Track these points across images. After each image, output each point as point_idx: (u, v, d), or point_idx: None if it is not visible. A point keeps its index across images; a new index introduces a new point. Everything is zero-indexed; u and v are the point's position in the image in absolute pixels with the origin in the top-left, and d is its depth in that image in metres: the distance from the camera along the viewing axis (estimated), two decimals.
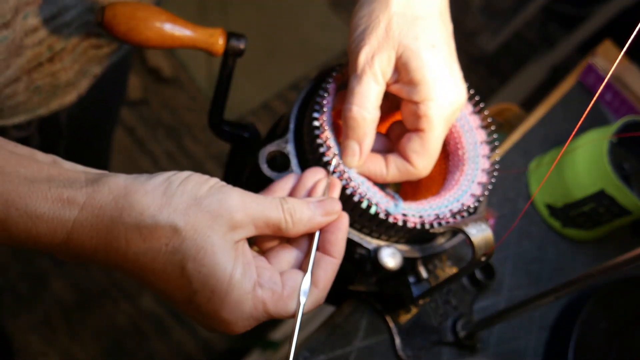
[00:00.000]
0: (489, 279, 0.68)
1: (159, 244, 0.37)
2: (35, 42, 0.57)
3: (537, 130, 0.85)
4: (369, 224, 0.49)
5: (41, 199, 0.36)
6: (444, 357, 0.65)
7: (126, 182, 0.37)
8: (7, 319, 1.54)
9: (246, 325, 0.39)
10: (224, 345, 1.65)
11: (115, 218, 0.36)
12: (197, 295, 0.37)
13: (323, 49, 2.13)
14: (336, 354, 0.61)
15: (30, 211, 0.35)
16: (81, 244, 0.37)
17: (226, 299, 0.38)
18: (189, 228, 0.37)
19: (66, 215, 0.36)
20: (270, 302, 0.39)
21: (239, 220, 0.39)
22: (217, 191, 0.39)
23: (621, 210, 0.72)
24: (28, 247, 0.37)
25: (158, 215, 0.37)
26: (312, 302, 0.42)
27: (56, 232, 0.36)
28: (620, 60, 0.88)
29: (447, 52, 0.48)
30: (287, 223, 0.41)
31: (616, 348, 0.69)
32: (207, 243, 0.37)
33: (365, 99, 0.47)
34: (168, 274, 0.37)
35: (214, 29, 0.55)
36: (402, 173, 0.50)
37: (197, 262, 0.37)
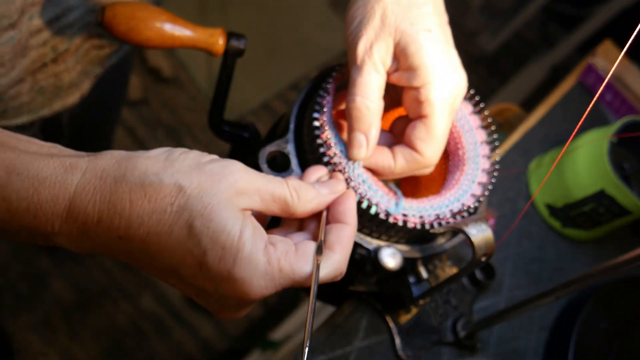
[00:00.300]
0: (489, 279, 0.68)
1: (164, 203, 0.35)
2: (39, 43, 0.57)
3: (537, 130, 0.85)
4: (369, 224, 0.49)
5: (44, 165, 0.35)
6: (444, 357, 0.65)
7: (127, 152, 0.37)
8: (7, 319, 1.54)
9: (262, 286, 0.36)
10: (224, 345, 1.65)
11: (119, 178, 0.35)
12: (207, 254, 0.35)
13: (323, 49, 2.13)
14: (336, 354, 0.61)
15: (32, 175, 0.34)
16: (84, 210, 0.35)
17: (238, 254, 0.35)
18: (193, 187, 0.36)
19: (68, 180, 0.35)
20: (284, 259, 0.37)
21: (243, 187, 0.37)
22: (220, 160, 0.38)
23: (621, 210, 0.72)
24: (27, 223, 0.35)
25: (162, 174, 0.36)
26: (330, 264, 0.39)
27: (58, 198, 0.35)
28: (620, 60, 0.88)
29: (443, 37, 0.48)
30: (293, 198, 0.40)
31: (616, 348, 0.69)
32: (214, 200, 0.36)
33: (368, 89, 0.47)
34: (175, 236, 0.35)
35: (214, 29, 0.55)
36: (410, 163, 0.49)
37: (205, 218, 0.35)
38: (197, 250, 0.35)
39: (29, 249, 1.62)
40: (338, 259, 0.40)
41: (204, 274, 0.36)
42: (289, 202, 0.40)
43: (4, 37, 0.52)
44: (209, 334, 1.65)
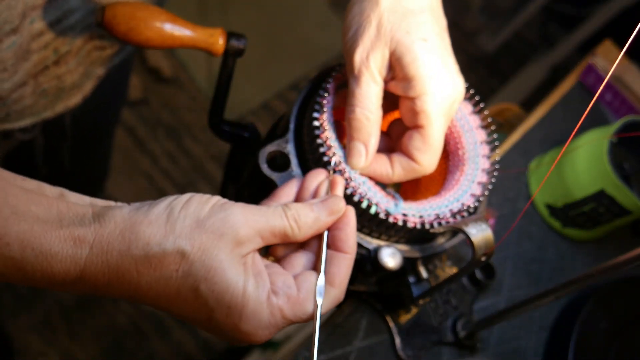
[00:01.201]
0: (489, 278, 0.68)
1: (169, 270, 0.38)
2: (41, 46, 0.57)
3: (537, 130, 0.85)
4: (369, 224, 0.49)
5: (54, 239, 0.37)
6: (444, 357, 0.65)
7: (130, 214, 0.38)
8: (7, 319, 1.54)
9: (266, 334, 0.40)
10: (224, 345, 1.65)
11: (124, 252, 0.37)
12: (214, 313, 0.38)
13: (323, 49, 2.13)
14: (336, 354, 0.61)
15: (45, 251, 0.36)
16: (94, 279, 0.37)
17: (243, 311, 0.38)
18: (195, 250, 0.38)
19: (78, 254, 0.37)
20: (286, 307, 0.40)
21: (244, 235, 0.39)
22: (219, 209, 0.39)
23: (621, 210, 0.72)
24: (42, 286, 0.38)
25: (164, 242, 0.37)
26: (330, 301, 0.42)
27: (69, 270, 0.37)
28: (620, 60, 0.88)
29: (441, 45, 0.48)
30: (293, 229, 0.42)
31: (616, 348, 0.69)
32: (216, 262, 0.38)
33: (366, 99, 0.47)
34: (183, 298, 0.38)
35: (214, 29, 0.55)
36: (408, 172, 0.50)
37: (209, 281, 0.38)
38: (205, 309, 0.38)
39: None
40: (338, 293, 0.43)
41: (214, 326, 0.39)
42: (289, 234, 0.42)
43: (6, 42, 0.52)
44: (208, 334, 1.65)
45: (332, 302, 0.43)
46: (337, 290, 0.43)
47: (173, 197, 0.40)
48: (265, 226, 0.40)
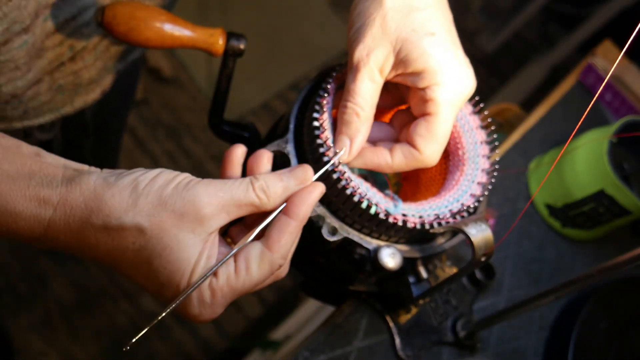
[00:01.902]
0: (489, 279, 0.68)
1: (126, 242, 0.39)
2: (55, 44, 0.57)
3: (536, 130, 0.85)
4: (368, 224, 0.49)
5: (20, 198, 0.38)
6: (443, 356, 0.65)
7: (97, 183, 0.40)
8: (7, 318, 1.54)
9: (209, 314, 0.41)
10: (224, 345, 1.65)
11: (85, 219, 0.39)
12: (164, 288, 0.40)
13: (323, 49, 2.13)
14: (336, 353, 0.61)
15: (10, 208, 0.38)
16: (57, 238, 0.40)
17: (189, 297, 0.40)
18: (154, 227, 0.39)
19: (42, 214, 0.39)
20: (226, 287, 0.41)
21: (207, 214, 0.40)
22: (184, 188, 0.40)
23: (621, 210, 0.72)
24: (10, 238, 0.40)
25: (124, 217, 0.39)
26: (267, 265, 0.42)
27: (33, 228, 0.39)
28: (620, 60, 0.88)
29: (449, 38, 0.47)
30: (262, 199, 0.42)
31: (616, 348, 0.69)
32: (173, 241, 0.39)
33: (359, 96, 0.47)
34: (137, 268, 0.40)
35: (214, 29, 0.55)
36: (409, 160, 0.48)
37: (164, 259, 0.39)
38: (156, 282, 0.40)
39: (29, 249, 1.62)
40: (275, 260, 0.42)
41: (163, 300, 0.42)
42: (257, 204, 0.42)
43: (17, 41, 0.52)
44: (209, 334, 1.65)
45: (270, 267, 0.42)
46: (275, 255, 0.42)
47: (142, 171, 0.41)
48: (230, 201, 0.41)
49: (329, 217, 0.50)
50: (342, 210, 0.49)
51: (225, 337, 1.66)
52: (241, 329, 1.68)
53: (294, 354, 0.60)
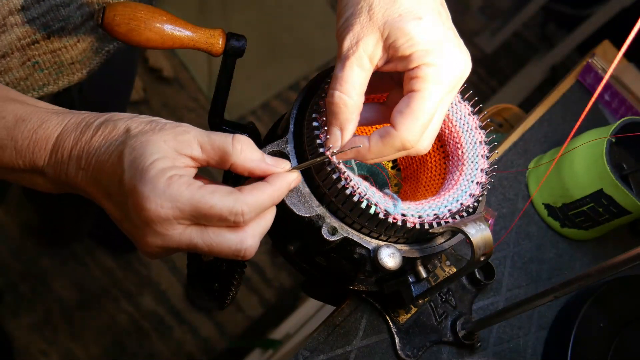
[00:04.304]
0: (488, 278, 0.68)
1: (113, 139, 0.44)
2: (24, 21, 0.57)
3: (536, 130, 0.86)
4: (368, 224, 0.50)
5: (43, 113, 0.47)
6: (443, 356, 0.65)
7: None
8: (8, 318, 1.54)
9: (158, 203, 0.40)
10: (224, 344, 1.65)
11: (90, 122, 0.46)
12: (124, 173, 0.42)
13: (323, 49, 2.13)
14: (336, 353, 0.61)
15: (34, 120, 0.46)
16: (63, 144, 0.46)
17: (145, 175, 0.41)
18: (138, 130, 0.44)
19: (60, 121, 0.47)
20: (185, 186, 0.41)
21: (184, 137, 0.43)
22: (176, 121, 0.45)
23: (620, 210, 0.72)
24: (27, 160, 0.46)
25: (119, 121, 0.45)
26: (230, 201, 0.41)
27: (50, 137, 0.46)
28: (619, 61, 0.89)
29: (438, 20, 0.47)
30: (235, 150, 0.43)
31: (615, 347, 0.70)
32: (145, 137, 0.43)
33: (348, 84, 0.47)
34: (110, 162, 0.43)
35: (214, 29, 0.55)
36: (385, 139, 0.46)
37: (132, 148, 0.42)
38: (119, 170, 0.42)
39: (30, 249, 1.62)
40: (237, 199, 0.42)
41: (121, 189, 0.42)
42: (229, 151, 0.43)
43: None
44: (209, 334, 1.65)
45: (233, 204, 0.41)
46: (242, 198, 0.42)
47: None
48: (208, 138, 0.44)
49: (329, 217, 0.50)
50: (342, 210, 0.49)
51: (225, 337, 1.66)
52: (241, 329, 1.68)
53: (294, 354, 0.60)
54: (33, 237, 1.63)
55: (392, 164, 0.64)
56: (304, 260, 0.57)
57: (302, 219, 0.49)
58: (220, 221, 0.42)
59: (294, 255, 0.57)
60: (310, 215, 0.49)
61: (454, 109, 0.57)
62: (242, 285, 0.92)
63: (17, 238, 1.63)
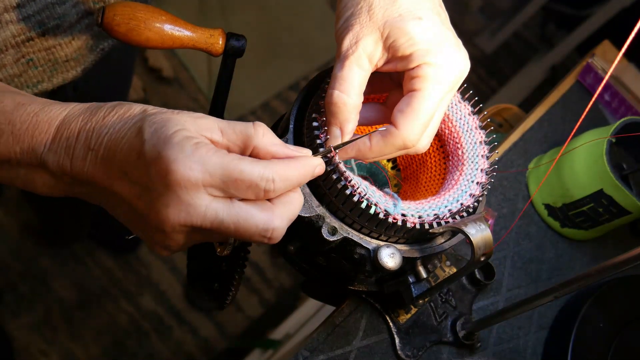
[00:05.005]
0: (488, 278, 0.68)
1: (128, 118, 0.42)
2: (19, 18, 0.57)
3: (536, 130, 0.86)
4: (368, 224, 0.50)
5: (44, 100, 0.45)
6: (443, 356, 0.65)
7: None
8: (8, 318, 1.54)
9: (187, 166, 0.37)
10: (224, 344, 1.65)
11: (100, 105, 0.43)
12: (145, 144, 0.39)
13: (323, 49, 2.13)
14: (336, 353, 0.61)
15: (35, 104, 0.44)
16: (69, 127, 0.43)
17: (170, 140, 0.38)
18: (156, 111, 0.41)
19: (62, 108, 0.44)
20: (212, 152, 0.39)
21: (204, 121, 0.41)
22: None
23: (620, 210, 0.72)
24: (25, 146, 0.43)
25: (134, 104, 0.43)
26: (260, 169, 0.39)
27: (52, 120, 0.43)
28: (619, 61, 0.89)
29: (437, 20, 0.47)
30: (257, 133, 0.41)
31: (615, 347, 0.70)
32: (169, 118, 0.40)
33: (348, 83, 0.47)
34: (127, 139, 0.40)
35: (214, 29, 0.55)
36: (387, 139, 0.47)
37: (152, 122, 0.40)
38: (137, 143, 0.39)
39: (30, 249, 1.62)
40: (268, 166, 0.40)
41: (140, 162, 0.39)
42: (251, 134, 0.41)
43: None
44: (209, 334, 1.65)
45: (263, 172, 0.39)
46: (273, 167, 0.40)
47: None
48: (227, 124, 0.41)
49: (329, 217, 0.50)
50: (341, 210, 0.49)
51: (225, 337, 1.66)
52: (241, 329, 1.68)
53: (294, 354, 0.60)
54: (33, 237, 1.63)
55: (391, 164, 0.64)
56: (304, 260, 0.57)
57: (302, 219, 0.49)
58: (249, 189, 0.39)
59: (294, 255, 0.57)
60: (310, 215, 0.49)
61: (454, 109, 0.57)
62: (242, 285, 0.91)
63: (16, 238, 1.63)
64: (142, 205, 0.40)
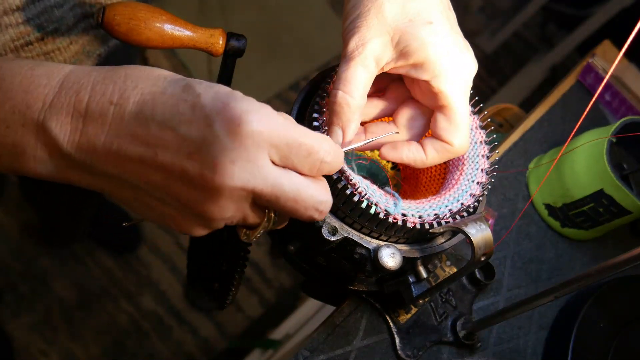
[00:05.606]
0: (489, 278, 0.68)
1: (159, 77, 0.37)
2: (19, 21, 0.57)
3: (536, 130, 0.86)
4: (368, 224, 0.50)
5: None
6: (443, 356, 0.65)
7: None
8: (8, 318, 1.54)
9: (260, 120, 0.35)
10: (224, 344, 1.65)
11: (114, 67, 0.37)
12: (201, 96, 0.35)
13: (323, 49, 2.13)
14: (336, 353, 0.61)
15: (28, 61, 0.36)
16: (78, 81, 0.36)
17: (232, 94, 0.36)
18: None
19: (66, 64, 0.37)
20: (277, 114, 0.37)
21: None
22: None
23: (620, 210, 0.72)
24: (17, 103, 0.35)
25: (153, 67, 0.38)
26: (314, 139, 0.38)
27: (53, 73, 0.36)
28: (619, 61, 0.89)
29: (447, 25, 0.47)
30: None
31: (615, 347, 0.69)
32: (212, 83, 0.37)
33: (352, 85, 0.47)
34: (169, 93, 0.35)
35: (214, 29, 0.55)
36: (442, 153, 0.50)
37: (197, 80, 0.36)
38: (191, 96, 0.35)
39: (30, 249, 1.62)
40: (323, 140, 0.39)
41: (199, 113, 0.35)
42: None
43: None
44: (209, 334, 1.65)
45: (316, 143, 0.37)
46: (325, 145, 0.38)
47: None
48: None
49: (329, 217, 0.50)
50: (342, 210, 0.49)
51: (225, 337, 1.66)
52: (241, 329, 1.68)
53: (294, 354, 0.60)
54: (33, 237, 1.63)
55: (391, 164, 0.64)
56: (304, 260, 0.57)
57: None
58: (308, 157, 0.37)
59: (294, 255, 0.57)
60: None
61: None
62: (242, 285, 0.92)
63: (16, 238, 1.63)
64: (193, 166, 0.34)
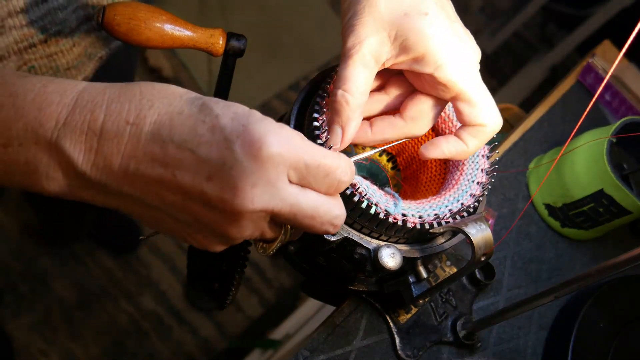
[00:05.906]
0: (489, 278, 0.68)
1: (174, 95, 0.36)
2: (22, 24, 0.57)
3: (536, 130, 0.86)
4: (369, 224, 0.50)
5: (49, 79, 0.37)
6: (443, 356, 0.65)
7: None
8: (8, 318, 1.54)
9: (279, 143, 0.35)
10: (223, 344, 1.65)
11: (128, 84, 0.37)
12: (219, 118, 0.35)
13: (323, 49, 2.13)
14: (336, 353, 0.61)
15: (41, 78, 0.36)
16: (92, 99, 0.36)
17: (251, 115, 0.36)
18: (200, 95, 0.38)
19: (78, 82, 0.37)
20: (293, 132, 0.37)
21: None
22: None
23: (620, 210, 0.72)
24: (30, 121, 0.35)
25: (166, 84, 0.37)
26: (330, 158, 0.38)
27: (66, 91, 0.36)
28: (620, 61, 0.89)
29: (443, 14, 0.47)
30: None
31: (615, 347, 0.69)
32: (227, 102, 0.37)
33: (351, 83, 0.46)
34: (186, 113, 0.35)
35: (214, 29, 0.55)
36: (480, 137, 0.50)
37: (214, 100, 0.36)
38: (209, 117, 0.35)
39: (30, 249, 1.62)
40: (336, 157, 0.39)
41: (218, 135, 0.35)
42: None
43: None
44: (209, 334, 1.65)
45: (332, 162, 0.38)
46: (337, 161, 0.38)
47: None
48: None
49: None
50: None
51: (225, 337, 1.66)
52: (241, 329, 1.68)
53: (294, 354, 0.60)
54: (33, 237, 1.63)
55: (391, 164, 0.64)
56: (304, 260, 0.57)
57: None
58: (326, 177, 0.37)
59: (294, 255, 0.57)
60: None
61: (454, 109, 0.57)
62: (242, 285, 0.92)
63: (16, 238, 1.63)
64: (213, 188, 0.34)
